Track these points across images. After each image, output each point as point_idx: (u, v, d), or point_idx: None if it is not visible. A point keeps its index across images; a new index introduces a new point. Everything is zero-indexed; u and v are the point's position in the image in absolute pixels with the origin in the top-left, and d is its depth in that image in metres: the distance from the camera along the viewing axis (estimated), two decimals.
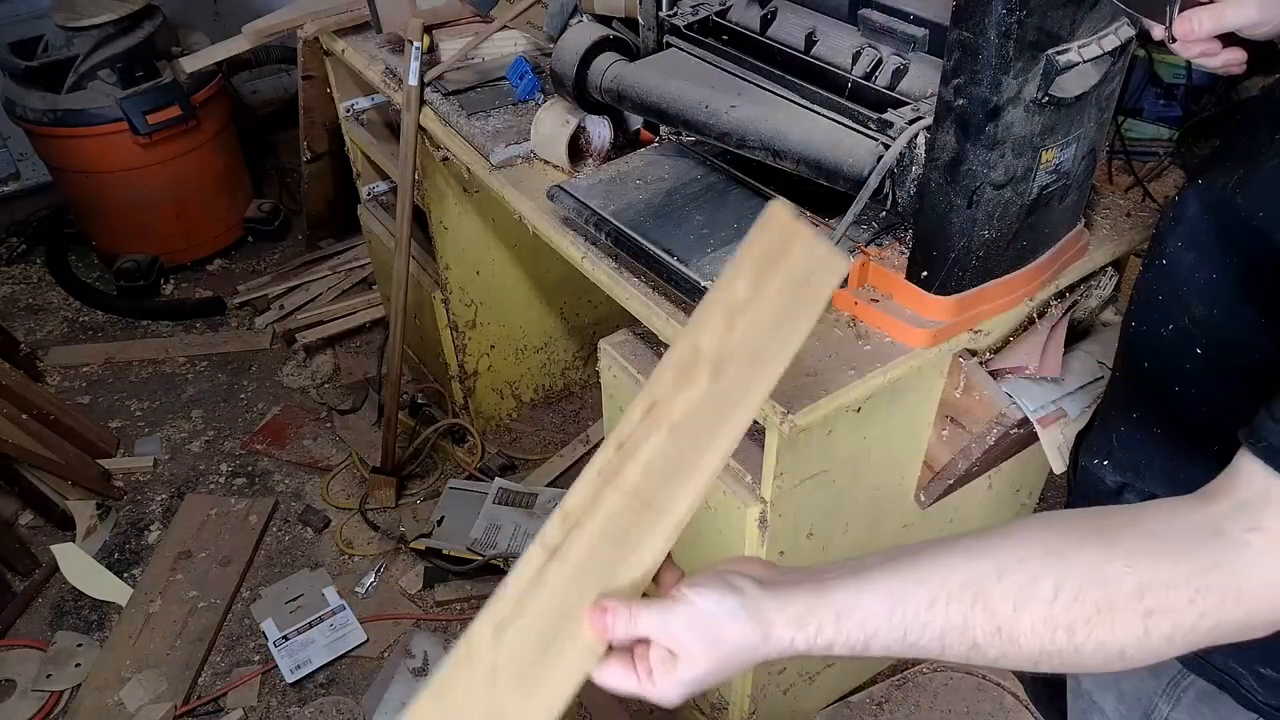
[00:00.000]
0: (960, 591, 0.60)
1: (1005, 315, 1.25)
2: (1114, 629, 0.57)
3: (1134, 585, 0.57)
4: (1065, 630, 0.58)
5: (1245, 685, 0.85)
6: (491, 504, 2.20)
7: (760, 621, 0.63)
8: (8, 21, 3.04)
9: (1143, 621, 0.57)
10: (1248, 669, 0.84)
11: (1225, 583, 0.56)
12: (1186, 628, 0.57)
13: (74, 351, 2.82)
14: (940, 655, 0.62)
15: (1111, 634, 0.57)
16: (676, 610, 0.64)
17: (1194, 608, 0.56)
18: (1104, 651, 0.58)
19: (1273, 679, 0.83)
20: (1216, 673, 0.87)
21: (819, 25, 1.31)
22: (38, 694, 1.92)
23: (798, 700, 1.71)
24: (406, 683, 1.92)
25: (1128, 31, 1.03)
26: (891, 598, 0.61)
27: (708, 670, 0.63)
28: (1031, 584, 0.59)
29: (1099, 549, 0.58)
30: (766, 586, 0.65)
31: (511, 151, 1.59)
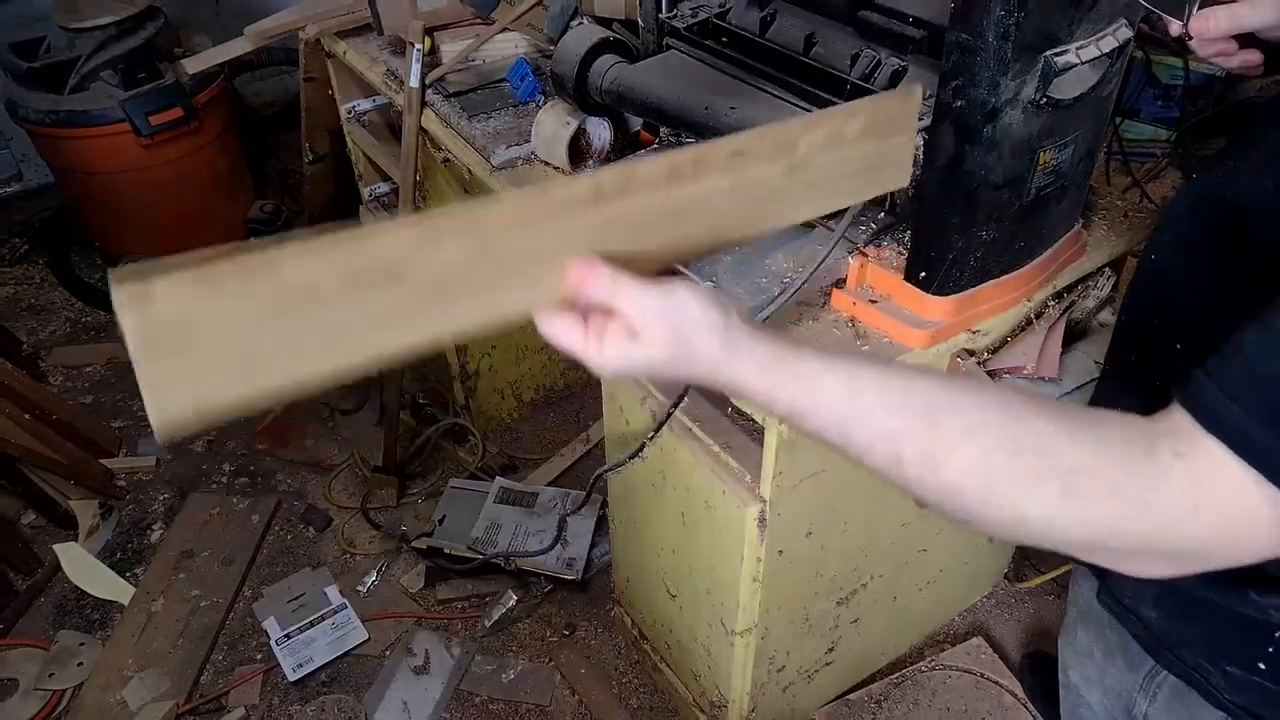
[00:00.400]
0: (915, 409, 0.62)
1: (1003, 315, 1.26)
2: (1030, 496, 0.59)
3: (1068, 464, 0.58)
4: (987, 480, 0.60)
5: (1213, 683, 0.86)
6: (492, 503, 2.20)
7: (730, 347, 0.65)
8: (10, 23, 3.04)
9: (1059, 499, 0.58)
10: (1215, 667, 0.85)
11: (1142, 494, 0.57)
12: (1091, 521, 0.58)
13: (76, 351, 2.82)
14: (860, 455, 0.65)
15: (1025, 499, 0.59)
16: (661, 295, 0.65)
17: (1107, 504, 0.57)
18: (1009, 512, 0.60)
19: (1239, 677, 0.84)
20: (1186, 669, 0.88)
21: (818, 27, 1.32)
22: (40, 693, 1.93)
23: (797, 698, 1.72)
24: (408, 681, 1.93)
25: (1126, 33, 1.04)
26: (853, 385, 0.64)
27: (659, 360, 0.65)
28: (981, 427, 0.61)
29: (1053, 425, 0.60)
30: (749, 324, 0.67)
31: (512, 153, 1.60)
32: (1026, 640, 1.99)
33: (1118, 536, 0.58)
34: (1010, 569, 2.08)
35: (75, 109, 2.68)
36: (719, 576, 1.42)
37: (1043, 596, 2.07)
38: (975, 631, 1.98)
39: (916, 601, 1.81)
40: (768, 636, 1.48)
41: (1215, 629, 0.84)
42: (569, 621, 2.06)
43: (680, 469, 1.38)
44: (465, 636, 2.03)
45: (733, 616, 1.42)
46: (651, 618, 1.79)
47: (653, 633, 1.82)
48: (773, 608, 1.43)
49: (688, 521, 1.43)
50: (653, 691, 1.92)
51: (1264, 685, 0.83)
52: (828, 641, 1.66)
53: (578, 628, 2.05)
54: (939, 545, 1.70)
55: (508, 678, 1.95)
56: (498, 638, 2.03)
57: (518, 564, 2.04)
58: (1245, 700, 0.85)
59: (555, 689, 1.93)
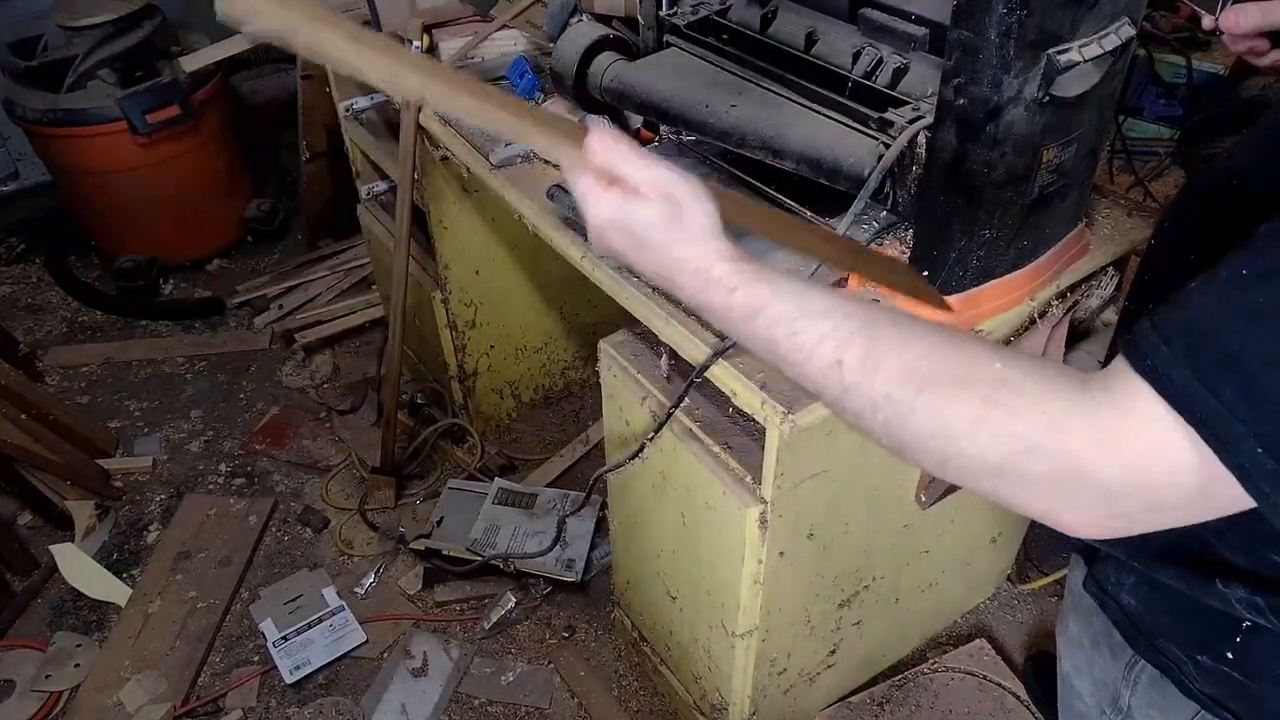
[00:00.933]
0: (861, 318, 0.65)
1: (1006, 315, 1.25)
2: (954, 400, 0.60)
3: (994, 375, 0.59)
4: (916, 384, 0.61)
5: (1186, 673, 0.87)
6: (491, 504, 2.19)
7: (714, 234, 0.71)
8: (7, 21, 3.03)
9: (980, 405, 0.59)
10: (1188, 656, 0.86)
11: (1063, 415, 0.57)
12: (1009, 433, 0.58)
13: (73, 351, 2.81)
14: (802, 359, 0.67)
15: (948, 404, 0.60)
16: (671, 168, 0.71)
17: (1026, 418, 0.58)
18: (931, 420, 0.61)
19: (1209, 667, 0.84)
20: (1162, 659, 0.89)
21: (819, 24, 1.31)
22: (37, 694, 1.92)
23: (798, 700, 1.71)
24: (406, 683, 1.92)
25: (1128, 31, 1.03)
26: (808, 290, 0.69)
27: (650, 220, 0.70)
28: (917, 338, 0.63)
29: (989, 348, 0.62)
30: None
31: (511, 151, 1.59)
32: (1029, 642, 1.98)
33: (1033, 456, 0.57)
34: (1013, 570, 2.07)
35: (72, 107, 2.67)
36: (719, 578, 1.41)
37: (1045, 598, 2.06)
38: (978, 633, 1.97)
39: (919, 603, 1.80)
40: (769, 638, 1.47)
41: (1187, 618, 0.85)
42: (568, 623, 2.05)
43: (680, 470, 1.37)
44: (464, 638, 2.02)
45: (733, 618, 1.41)
46: (651, 620, 1.78)
47: (653, 635, 1.81)
48: (774, 609, 1.43)
49: (688, 523, 1.42)
50: (653, 694, 1.92)
51: (1232, 676, 0.83)
52: (829, 643, 1.65)
53: (577, 630, 2.04)
54: (941, 547, 1.69)
55: (506, 680, 1.94)
56: (496, 640, 2.02)
57: (516, 565, 2.04)
58: (1216, 691, 0.86)
59: (554, 691, 1.93)
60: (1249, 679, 0.82)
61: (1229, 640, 0.82)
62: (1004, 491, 0.61)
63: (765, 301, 0.69)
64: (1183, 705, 0.89)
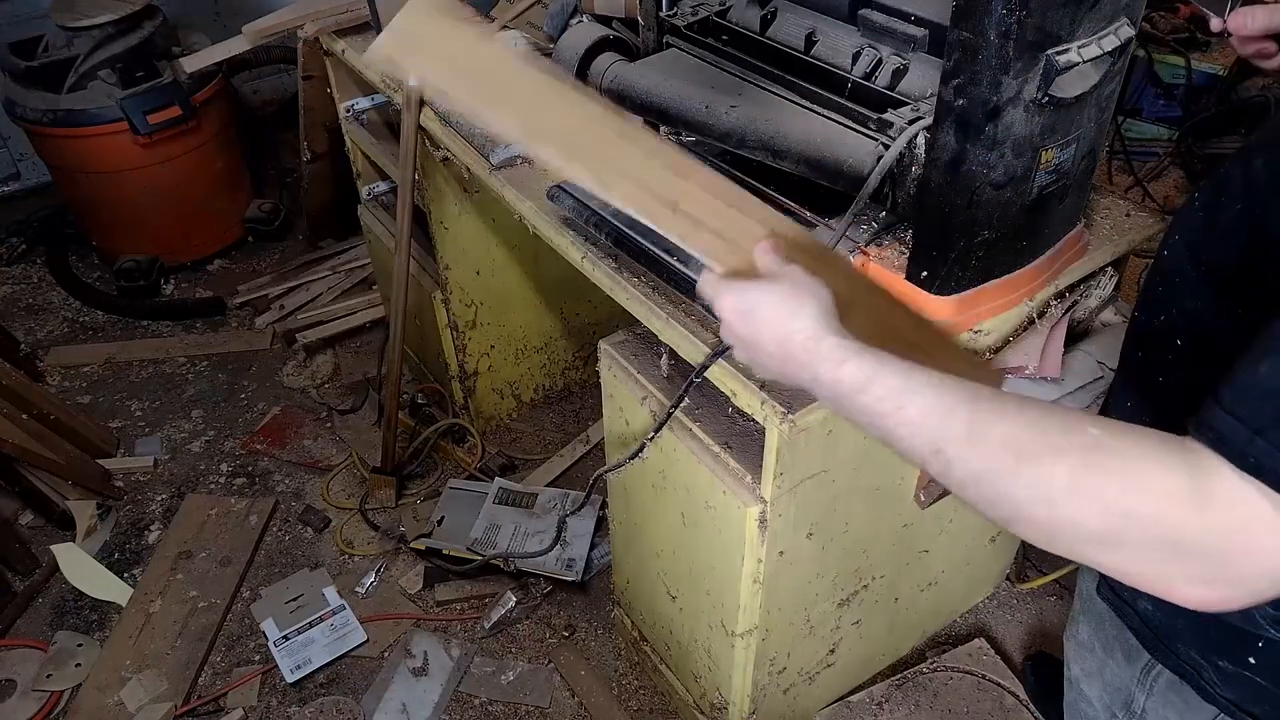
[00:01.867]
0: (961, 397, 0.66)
1: (1005, 315, 1.25)
2: (1054, 470, 0.60)
3: (1090, 441, 0.60)
4: (1016, 452, 0.62)
5: (1205, 677, 0.87)
6: (491, 504, 2.20)
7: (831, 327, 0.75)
8: (8, 21, 3.04)
9: (1077, 471, 0.60)
10: (1208, 661, 0.86)
11: (1159, 482, 0.57)
12: (1107, 498, 0.59)
13: (74, 351, 2.82)
14: (910, 435, 0.69)
15: (1049, 473, 0.61)
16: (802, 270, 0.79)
17: (1122, 480, 0.58)
18: (1035, 489, 0.61)
19: (1230, 672, 0.84)
20: (1180, 664, 0.89)
21: (819, 25, 1.31)
22: (38, 694, 1.92)
23: (798, 700, 1.71)
24: (406, 683, 1.92)
25: (1128, 32, 1.03)
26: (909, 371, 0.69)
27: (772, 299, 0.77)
28: (1017, 411, 0.64)
29: (1085, 418, 0.63)
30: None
31: (512, 151, 1.59)
32: (1028, 641, 1.99)
33: (1129, 521, 0.58)
34: (1012, 570, 2.07)
35: (73, 108, 2.68)
36: (719, 577, 1.41)
37: (1045, 598, 2.06)
38: (977, 633, 1.98)
39: (918, 603, 1.80)
40: (768, 638, 1.48)
41: (1206, 625, 0.85)
42: (569, 623, 2.05)
43: (680, 469, 1.37)
44: (464, 638, 2.02)
45: (733, 618, 1.41)
46: (651, 619, 1.78)
47: (653, 634, 1.82)
48: (773, 609, 1.43)
49: (688, 522, 1.43)
50: (653, 693, 1.92)
51: (1255, 680, 0.83)
52: (829, 643, 1.66)
53: (577, 629, 2.04)
54: (940, 546, 1.69)
55: (507, 679, 1.95)
56: (497, 639, 2.03)
57: (517, 565, 2.04)
58: (1236, 695, 0.86)
59: (555, 691, 1.93)
60: (1272, 683, 0.82)
61: (1251, 646, 0.81)
62: (1109, 560, 0.61)
63: (873, 376, 0.70)
64: (1202, 709, 0.89)
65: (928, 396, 0.67)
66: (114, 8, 2.68)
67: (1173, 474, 0.58)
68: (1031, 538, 0.64)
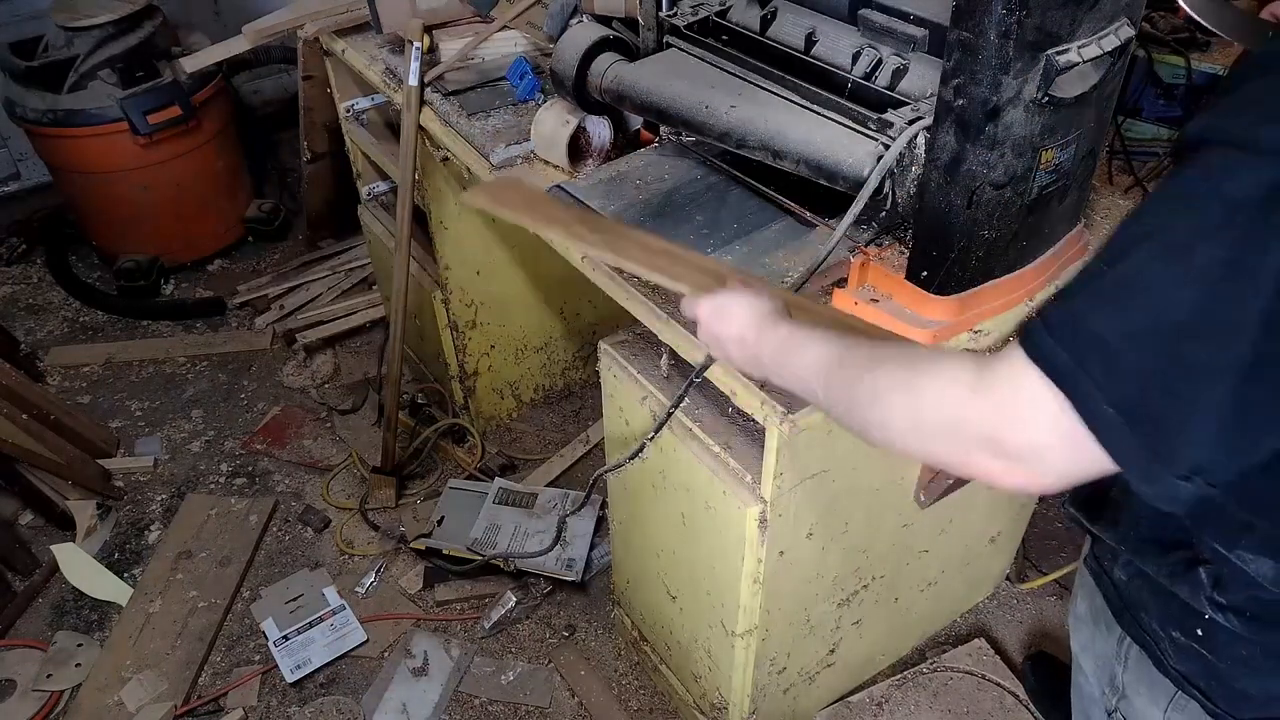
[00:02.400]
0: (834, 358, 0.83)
1: (1005, 315, 1.25)
2: (878, 373, 0.76)
3: (913, 352, 0.78)
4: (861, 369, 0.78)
5: (1162, 649, 0.90)
6: (491, 504, 2.20)
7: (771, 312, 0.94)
8: (8, 21, 3.04)
9: (895, 373, 0.74)
10: (1165, 632, 0.89)
11: (970, 383, 0.69)
12: (912, 389, 0.72)
13: (74, 351, 2.82)
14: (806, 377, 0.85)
15: (877, 375, 0.76)
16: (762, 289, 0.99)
17: (923, 374, 0.72)
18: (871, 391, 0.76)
19: (1182, 644, 0.87)
20: (1142, 634, 0.92)
21: (819, 25, 1.31)
22: (38, 694, 1.92)
23: (798, 700, 1.71)
24: (406, 683, 1.92)
25: (1127, 31, 1.03)
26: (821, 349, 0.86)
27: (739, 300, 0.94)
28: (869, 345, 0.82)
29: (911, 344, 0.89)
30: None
31: (512, 151, 1.59)
32: (1028, 641, 1.99)
33: (927, 405, 0.71)
34: (1012, 570, 2.07)
35: (73, 108, 2.68)
36: (719, 577, 1.41)
37: (1045, 597, 2.06)
38: (977, 633, 1.98)
39: (918, 603, 1.80)
40: (768, 638, 1.48)
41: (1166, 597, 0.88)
42: (569, 623, 2.05)
43: (680, 470, 1.37)
44: (464, 638, 2.02)
45: (733, 618, 1.41)
46: (651, 619, 1.78)
47: (653, 634, 1.82)
48: (773, 609, 1.43)
49: (688, 522, 1.43)
50: (653, 693, 1.92)
51: (1202, 654, 0.86)
52: (829, 643, 1.66)
53: (577, 629, 2.04)
54: (940, 546, 1.69)
55: (507, 679, 1.95)
56: (497, 639, 2.03)
57: (517, 565, 2.04)
58: (1187, 669, 0.88)
59: (555, 691, 1.93)
60: (1215, 657, 0.85)
61: (1199, 617, 0.84)
62: (925, 445, 0.72)
63: (792, 332, 0.89)
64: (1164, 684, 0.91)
65: (817, 342, 0.85)
66: (114, 8, 2.68)
67: (963, 366, 0.69)
68: (877, 439, 0.77)
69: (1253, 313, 0.57)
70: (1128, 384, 0.60)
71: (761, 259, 1.26)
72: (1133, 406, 0.60)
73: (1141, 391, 0.60)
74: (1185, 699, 0.89)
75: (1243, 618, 0.81)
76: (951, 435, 0.69)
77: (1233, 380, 0.58)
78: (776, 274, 1.24)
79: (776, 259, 1.26)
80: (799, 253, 1.28)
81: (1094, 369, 0.61)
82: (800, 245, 1.28)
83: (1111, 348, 0.61)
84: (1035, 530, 2.13)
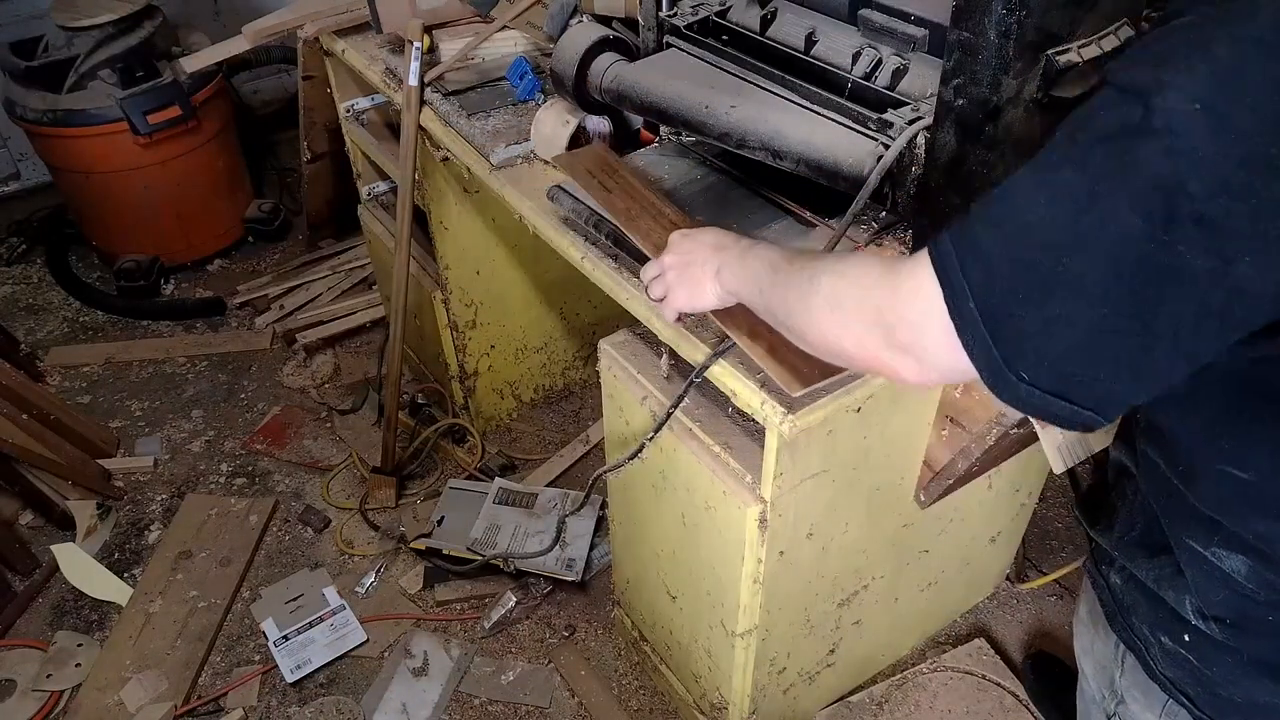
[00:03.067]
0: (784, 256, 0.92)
1: None
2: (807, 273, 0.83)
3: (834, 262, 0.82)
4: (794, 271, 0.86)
5: (1152, 654, 0.90)
6: (492, 504, 2.20)
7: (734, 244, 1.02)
8: (8, 21, 3.04)
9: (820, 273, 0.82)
10: (1155, 636, 0.89)
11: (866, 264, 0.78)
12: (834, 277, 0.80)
13: (74, 351, 2.82)
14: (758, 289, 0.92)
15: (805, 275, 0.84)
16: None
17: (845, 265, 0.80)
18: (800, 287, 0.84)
19: (1170, 649, 0.87)
20: (1133, 638, 0.92)
21: (819, 25, 1.31)
22: (38, 694, 1.93)
23: (798, 700, 1.71)
24: (406, 683, 1.92)
25: (1127, 32, 1.03)
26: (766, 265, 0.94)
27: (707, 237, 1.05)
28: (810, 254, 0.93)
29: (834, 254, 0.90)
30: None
31: (512, 151, 1.59)
32: (1029, 641, 1.99)
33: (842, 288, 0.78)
34: (1012, 570, 2.07)
35: (73, 108, 2.68)
36: (719, 577, 1.41)
37: (1045, 598, 2.06)
38: (977, 633, 1.98)
39: (918, 603, 1.80)
40: (768, 638, 1.48)
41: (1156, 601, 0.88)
42: (569, 623, 2.05)
43: (680, 470, 1.37)
44: (464, 638, 2.02)
45: (733, 618, 1.42)
46: (652, 619, 1.78)
47: (653, 634, 1.82)
48: (773, 609, 1.43)
49: (688, 522, 1.43)
50: (653, 693, 1.92)
51: (1189, 660, 0.86)
52: (829, 643, 1.66)
53: (577, 629, 2.04)
54: (940, 546, 1.69)
55: (507, 679, 1.95)
56: (497, 639, 2.03)
57: (517, 565, 2.04)
58: (1174, 675, 0.88)
59: (555, 691, 1.93)
60: (1201, 664, 0.85)
61: (1184, 624, 0.85)
62: (836, 334, 0.79)
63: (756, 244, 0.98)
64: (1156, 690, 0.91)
65: (770, 251, 0.94)
66: (114, 8, 2.68)
67: (881, 258, 0.77)
68: (800, 325, 0.84)
69: (1104, 243, 0.61)
70: (993, 288, 0.65)
71: None
72: (992, 310, 0.65)
73: (1001, 297, 0.65)
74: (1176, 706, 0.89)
75: (1223, 625, 0.82)
76: (858, 318, 0.76)
77: (1083, 304, 0.62)
78: None
79: None
80: None
81: (971, 271, 0.67)
82: (800, 245, 1.28)
83: (984, 252, 0.66)
84: (1035, 530, 2.13)
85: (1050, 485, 1.89)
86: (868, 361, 0.77)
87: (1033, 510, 1.90)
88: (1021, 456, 1.52)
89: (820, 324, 0.80)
